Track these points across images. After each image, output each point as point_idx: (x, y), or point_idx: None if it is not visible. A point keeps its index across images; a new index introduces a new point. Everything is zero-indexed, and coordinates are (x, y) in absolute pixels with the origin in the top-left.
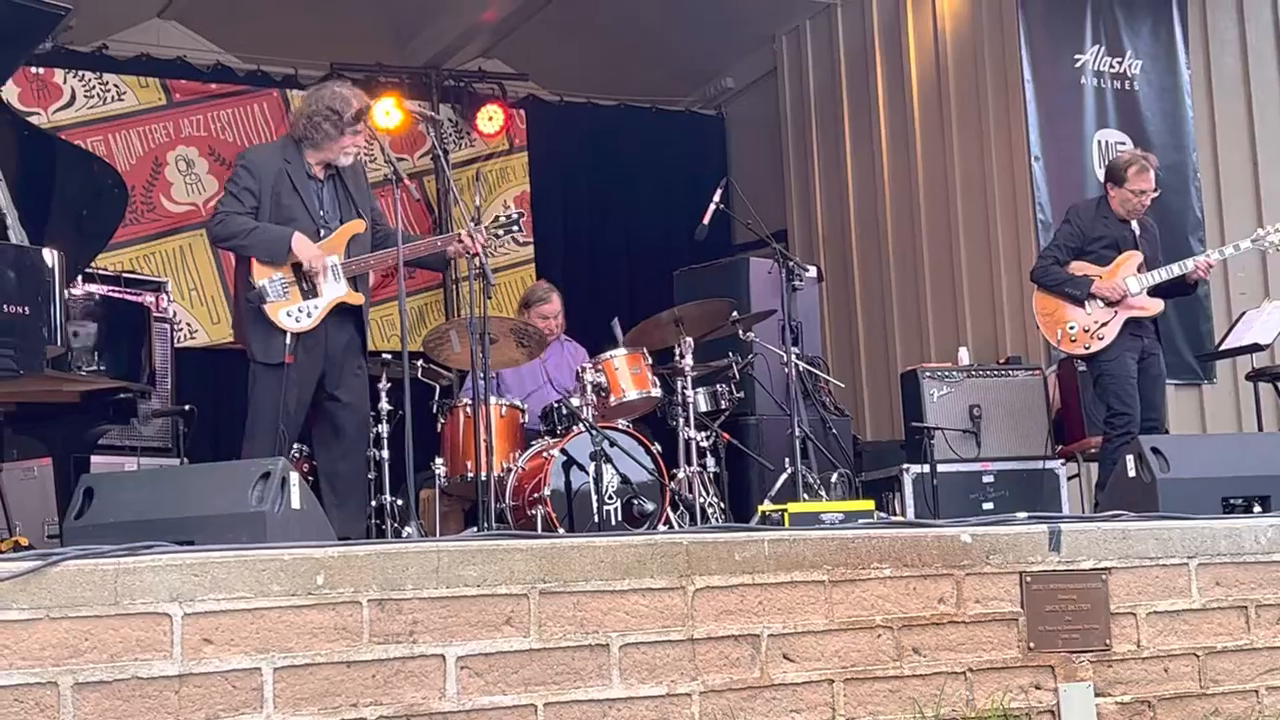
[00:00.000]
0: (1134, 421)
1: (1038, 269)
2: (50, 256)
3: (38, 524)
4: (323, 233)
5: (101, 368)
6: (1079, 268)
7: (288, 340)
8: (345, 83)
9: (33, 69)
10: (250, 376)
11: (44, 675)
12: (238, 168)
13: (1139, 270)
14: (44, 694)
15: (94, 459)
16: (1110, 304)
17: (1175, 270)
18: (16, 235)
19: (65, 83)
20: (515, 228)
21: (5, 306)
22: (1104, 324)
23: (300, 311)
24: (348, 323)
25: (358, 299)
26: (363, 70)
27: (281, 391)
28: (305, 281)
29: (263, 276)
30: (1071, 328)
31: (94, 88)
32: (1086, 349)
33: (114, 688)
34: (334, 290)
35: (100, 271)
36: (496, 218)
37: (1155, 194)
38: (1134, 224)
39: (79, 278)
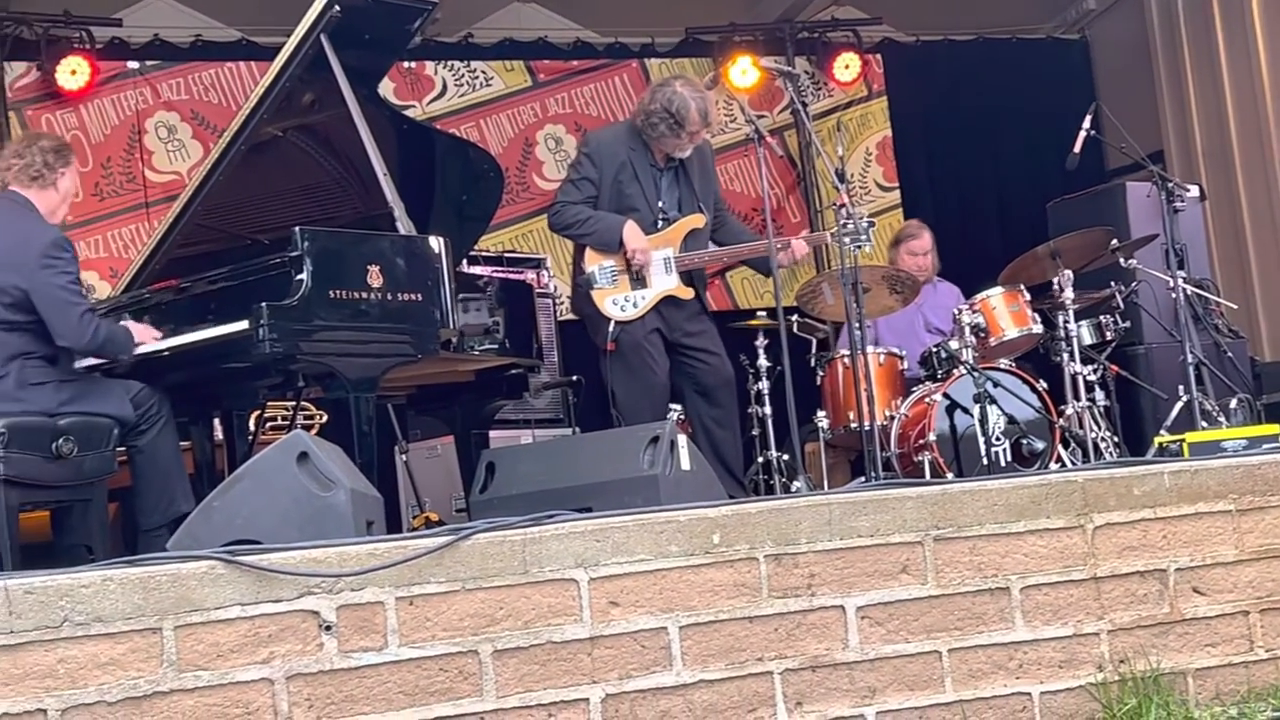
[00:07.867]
0: None
1: None
2: (436, 243)
3: (445, 499)
4: (660, 224)
5: (492, 346)
6: None
7: (610, 328)
8: (691, 83)
9: (405, 64)
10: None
11: (465, 644)
12: (580, 155)
13: None
14: (466, 662)
15: (492, 434)
16: None
17: None
18: (404, 226)
19: (436, 74)
20: (864, 238)
21: (399, 294)
22: None
23: (627, 301)
24: (681, 302)
25: (687, 293)
26: (716, 31)
27: (612, 375)
28: (634, 271)
29: (593, 263)
30: None
31: (463, 76)
32: None
33: (530, 653)
34: (663, 283)
35: (483, 254)
36: (845, 224)
37: None
38: None
39: (464, 261)
